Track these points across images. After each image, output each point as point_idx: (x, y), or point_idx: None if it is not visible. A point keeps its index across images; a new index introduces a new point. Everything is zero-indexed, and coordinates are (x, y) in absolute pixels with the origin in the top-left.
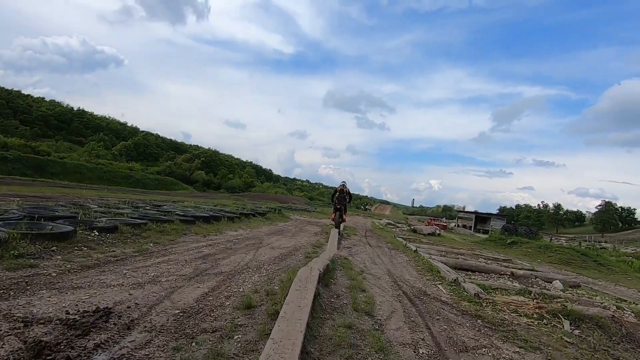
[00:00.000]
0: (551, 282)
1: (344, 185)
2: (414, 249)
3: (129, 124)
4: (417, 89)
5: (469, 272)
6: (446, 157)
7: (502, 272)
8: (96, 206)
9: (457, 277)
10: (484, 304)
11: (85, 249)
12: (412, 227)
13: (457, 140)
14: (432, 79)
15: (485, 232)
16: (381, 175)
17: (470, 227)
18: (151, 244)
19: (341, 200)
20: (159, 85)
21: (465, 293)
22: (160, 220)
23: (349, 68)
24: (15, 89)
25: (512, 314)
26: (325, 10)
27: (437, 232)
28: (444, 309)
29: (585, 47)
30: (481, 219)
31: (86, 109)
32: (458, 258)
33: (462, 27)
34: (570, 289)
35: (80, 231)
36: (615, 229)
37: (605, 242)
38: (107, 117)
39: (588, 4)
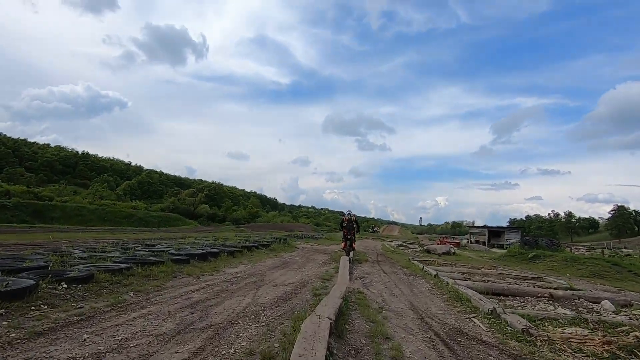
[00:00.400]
0: (599, 303)
1: (350, 213)
2: (434, 273)
3: (134, 164)
4: (414, 108)
5: (501, 297)
6: (450, 172)
7: (539, 294)
8: (80, 251)
9: (494, 307)
10: (538, 343)
11: (45, 307)
12: (425, 247)
13: (459, 155)
14: (428, 97)
15: (500, 246)
16: (386, 195)
17: (484, 242)
18: (131, 294)
19: (350, 230)
20: (163, 124)
21: (509, 328)
22: (148, 263)
23: (346, 93)
24: (22, 137)
25: (576, 355)
26: (318, 40)
27: (452, 250)
28: (491, 356)
29: (575, 56)
30: (494, 233)
31: (92, 152)
32: (485, 281)
33: (453, 46)
34: (623, 309)
35: (45, 285)
36: (631, 233)
37: (625, 247)
38: (111, 158)
39: (572, 15)
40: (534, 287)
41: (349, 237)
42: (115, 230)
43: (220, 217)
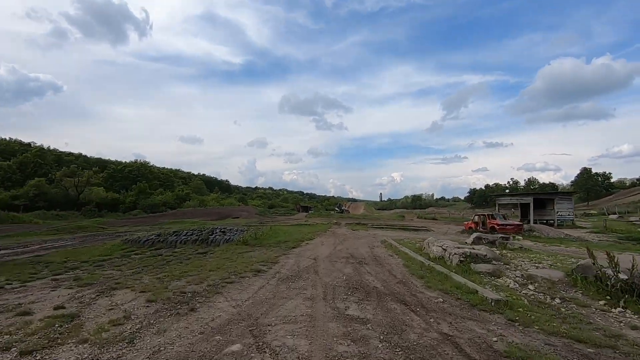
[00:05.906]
0: None
1: None
2: None
3: (38, 144)
4: (369, 87)
5: None
6: (404, 149)
7: None
8: None
9: None
10: None
11: None
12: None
13: (412, 132)
14: (381, 76)
15: (549, 223)
16: (344, 174)
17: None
18: None
19: None
20: (107, 109)
21: None
22: None
23: (301, 72)
24: None
25: None
26: (271, 18)
27: None
28: None
29: (513, 35)
30: (539, 202)
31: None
32: None
33: (403, 24)
34: None
35: None
36: (596, 195)
37: (617, 211)
38: (6, 139)
39: None
40: None
41: None
42: None
43: (128, 204)
